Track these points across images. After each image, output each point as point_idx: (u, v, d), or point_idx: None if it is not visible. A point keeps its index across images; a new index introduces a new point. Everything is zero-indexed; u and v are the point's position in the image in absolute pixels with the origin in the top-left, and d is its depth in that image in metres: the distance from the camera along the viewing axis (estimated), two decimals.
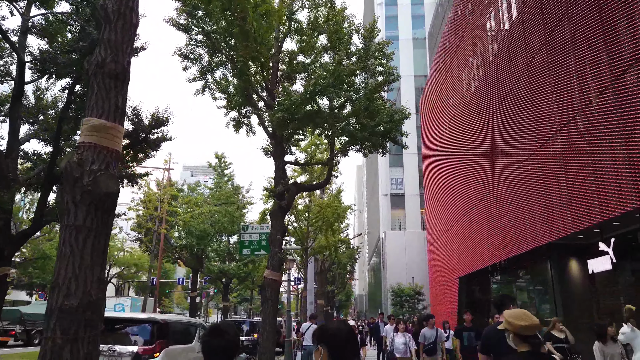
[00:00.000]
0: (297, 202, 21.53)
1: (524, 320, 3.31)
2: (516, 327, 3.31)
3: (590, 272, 11.47)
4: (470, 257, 19.12)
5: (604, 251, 10.87)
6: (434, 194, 27.51)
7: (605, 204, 9.09)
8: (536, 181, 12.46)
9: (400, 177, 41.84)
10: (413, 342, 9.23)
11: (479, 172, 17.93)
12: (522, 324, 3.29)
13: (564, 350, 7.73)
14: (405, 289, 31.39)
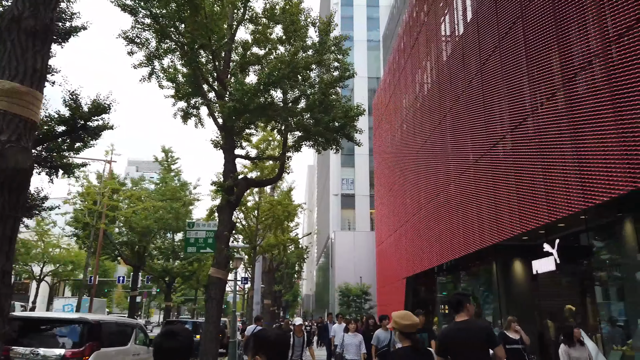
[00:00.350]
0: (246, 199, 20.91)
1: (407, 320, 3.92)
2: (401, 325, 3.88)
3: (534, 273, 11.70)
4: (419, 257, 19.26)
5: (548, 252, 11.10)
6: (384, 194, 27.67)
7: (553, 205, 9.23)
8: (486, 182, 12.61)
9: (352, 177, 41.99)
10: (364, 344, 8.57)
11: (429, 173, 18.09)
12: (405, 322, 3.89)
13: (518, 351, 7.47)
14: (353, 289, 31.42)
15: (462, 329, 4.40)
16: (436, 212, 17.04)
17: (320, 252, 56.17)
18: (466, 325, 4.41)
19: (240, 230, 22.21)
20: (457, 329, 4.45)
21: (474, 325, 4.39)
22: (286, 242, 24.68)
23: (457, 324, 4.48)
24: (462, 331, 4.39)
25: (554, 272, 11.11)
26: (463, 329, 4.40)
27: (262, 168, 22.03)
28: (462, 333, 4.39)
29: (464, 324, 4.43)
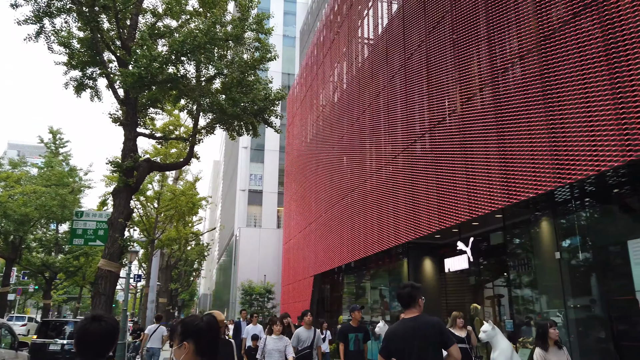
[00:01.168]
0: (145, 187, 19.04)
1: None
2: None
3: (447, 271, 11.70)
4: (329, 255, 18.86)
5: (462, 250, 11.14)
6: (294, 191, 27.07)
7: (474, 203, 9.14)
8: (405, 180, 12.43)
9: (260, 173, 40.90)
10: (291, 348, 7.01)
11: (345, 170, 17.76)
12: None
13: (465, 351, 6.88)
14: (256, 287, 30.38)
15: (411, 327, 3.76)
16: (350, 209, 16.72)
17: (223, 249, 54.23)
18: (415, 323, 3.78)
19: (137, 222, 20.22)
20: (405, 328, 3.81)
21: (425, 322, 3.77)
22: (188, 236, 22.99)
23: (406, 322, 3.84)
24: (412, 330, 3.76)
25: (466, 270, 11.17)
26: (412, 327, 3.76)
27: (166, 155, 20.27)
28: (411, 332, 3.76)
29: (412, 321, 3.80)
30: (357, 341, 7.13)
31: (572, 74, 6.84)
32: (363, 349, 7.23)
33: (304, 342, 7.30)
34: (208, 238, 79.04)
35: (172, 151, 20.93)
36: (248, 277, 31.68)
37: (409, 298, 3.87)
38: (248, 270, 34.54)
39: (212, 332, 2.28)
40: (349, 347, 7.15)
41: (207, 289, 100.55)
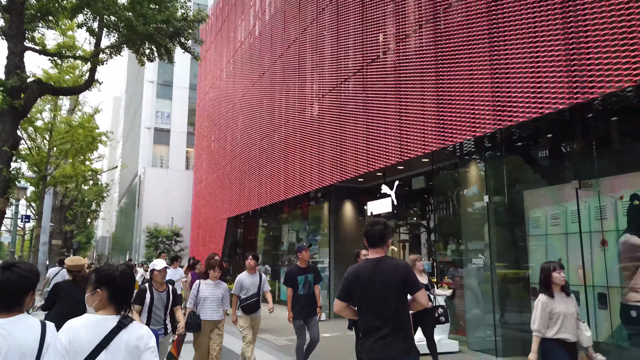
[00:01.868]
0: (34, 116, 16.62)
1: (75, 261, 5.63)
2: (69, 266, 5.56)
3: (369, 214, 11.65)
4: (245, 197, 18.19)
5: (386, 194, 11.08)
6: (207, 130, 25.58)
7: (406, 145, 8.92)
8: (331, 120, 11.94)
9: (168, 111, 38.19)
10: (228, 296, 6.13)
11: (265, 109, 16.84)
12: (71, 264, 5.56)
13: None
14: (162, 230, 29.01)
15: (375, 269, 3.34)
16: (270, 151, 16.02)
17: (125, 190, 50.99)
18: (379, 264, 3.35)
19: (26, 155, 17.81)
20: (368, 269, 3.37)
21: (390, 265, 3.36)
22: (86, 173, 20.86)
23: (369, 263, 3.41)
24: (375, 271, 3.33)
25: (390, 214, 11.19)
26: (376, 269, 3.34)
27: (60, 81, 17.75)
28: (374, 274, 3.33)
29: (377, 262, 3.36)
30: (307, 283, 6.53)
31: (521, 12, 6.58)
32: (314, 292, 6.65)
33: (248, 289, 6.51)
34: (107, 178, 73.91)
35: (67, 78, 18.41)
36: (154, 220, 30.11)
37: (380, 237, 3.42)
38: (154, 213, 32.81)
39: (125, 280, 2.34)
40: (299, 290, 6.56)
41: (105, 231, 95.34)
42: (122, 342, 2.15)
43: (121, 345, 2.15)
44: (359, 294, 3.36)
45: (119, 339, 2.16)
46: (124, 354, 2.15)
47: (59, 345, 2.11)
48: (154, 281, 5.43)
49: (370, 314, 3.28)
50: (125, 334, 2.18)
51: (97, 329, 2.16)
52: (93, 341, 2.13)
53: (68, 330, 2.14)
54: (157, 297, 5.32)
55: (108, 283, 2.27)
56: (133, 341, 2.18)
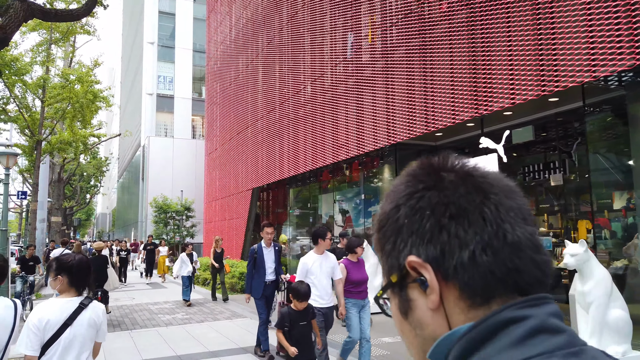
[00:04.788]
0: (24, 67, 13.79)
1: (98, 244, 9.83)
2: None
3: None
4: (273, 164, 15.57)
5: (488, 148, 8.47)
6: (219, 94, 22.75)
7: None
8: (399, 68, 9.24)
9: (171, 75, 35.14)
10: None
11: (297, 57, 14.06)
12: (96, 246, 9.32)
13: None
14: (172, 204, 26.45)
15: None
16: (309, 107, 13.31)
17: (126, 163, 48.21)
18: None
19: (16, 117, 15.06)
20: None
21: None
22: (87, 139, 18.07)
23: None
24: None
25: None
26: None
27: (51, 3, 14.84)
28: None
29: None
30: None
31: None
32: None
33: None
34: (105, 152, 70.95)
35: (60, 6, 15.49)
36: (160, 193, 27.49)
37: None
38: (160, 186, 30.23)
39: (81, 268, 2.71)
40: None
41: (105, 208, 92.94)
42: (84, 319, 2.64)
43: (83, 321, 2.64)
44: None
45: (81, 317, 2.64)
46: (86, 328, 2.64)
47: (31, 324, 2.52)
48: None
49: None
50: (86, 313, 2.65)
51: (62, 310, 2.60)
52: (60, 320, 2.57)
53: (39, 311, 2.57)
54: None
55: (67, 270, 2.66)
56: (93, 316, 2.68)
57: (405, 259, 0.58)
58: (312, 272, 5.25)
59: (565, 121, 8.51)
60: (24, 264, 10.79)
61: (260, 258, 6.68)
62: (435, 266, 0.57)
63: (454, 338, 0.54)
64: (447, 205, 0.57)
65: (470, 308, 0.56)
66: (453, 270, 0.56)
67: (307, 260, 5.35)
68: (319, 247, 5.37)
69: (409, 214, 0.59)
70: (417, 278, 0.58)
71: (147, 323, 9.54)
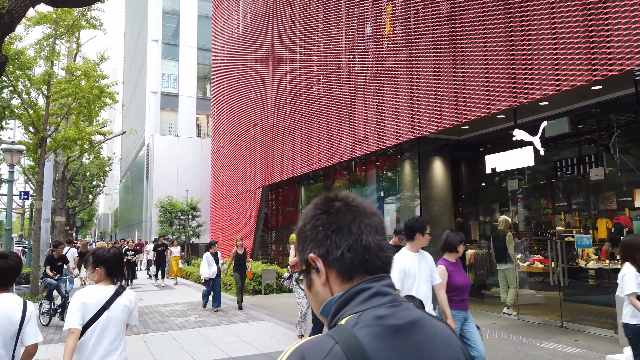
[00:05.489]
0: (28, 61, 13.35)
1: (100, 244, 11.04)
2: None
3: (490, 171, 8.60)
4: (286, 161, 15.11)
5: (522, 141, 8.00)
6: (225, 91, 22.30)
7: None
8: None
9: (175, 73, 34.71)
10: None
11: (303, 59, 13.61)
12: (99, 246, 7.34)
13: None
14: (177, 204, 25.98)
15: None
16: (318, 104, 12.85)
17: (130, 163, 47.80)
18: None
19: (20, 114, 14.62)
20: None
21: None
22: (92, 136, 17.62)
23: None
24: None
25: (524, 169, 8.13)
26: None
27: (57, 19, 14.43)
28: None
29: None
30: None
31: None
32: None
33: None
34: (108, 152, 70.49)
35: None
36: (165, 193, 27.04)
37: None
38: (165, 185, 29.80)
39: (116, 260, 3.13)
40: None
41: (107, 208, 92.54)
42: (119, 304, 3.00)
43: (118, 306, 3.00)
44: None
45: (117, 302, 3.00)
46: (120, 312, 2.99)
47: (75, 303, 2.90)
48: None
49: None
50: (121, 299, 3.02)
51: (101, 296, 2.99)
52: (99, 303, 2.95)
53: (82, 295, 2.95)
54: None
55: (104, 262, 3.08)
56: (126, 302, 3.04)
57: (308, 255, 0.98)
58: (410, 275, 4.15)
59: (602, 113, 8.04)
60: (53, 264, 10.08)
61: None
62: (323, 259, 0.97)
63: (333, 301, 0.94)
64: (331, 224, 0.97)
65: (342, 283, 0.96)
66: (332, 261, 0.96)
67: (404, 259, 4.20)
68: (415, 244, 4.30)
69: (310, 229, 0.99)
70: (314, 267, 0.98)
71: (160, 326, 9.08)
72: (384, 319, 0.88)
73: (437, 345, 0.91)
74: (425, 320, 0.92)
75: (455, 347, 0.94)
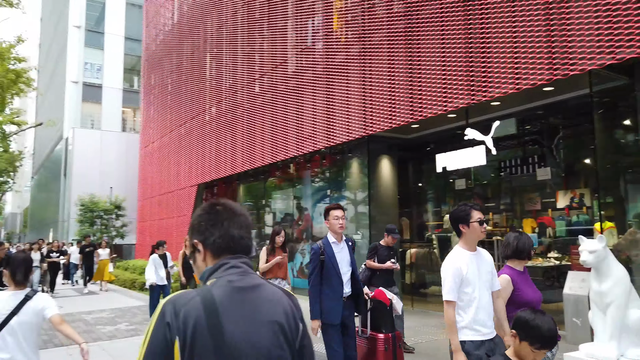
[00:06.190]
0: None
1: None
2: None
3: (441, 169, 8.59)
4: (224, 159, 14.40)
5: (473, 140, 8.04)
6: (157, 83, 21.05)
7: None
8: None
9: (99, 63, 32.39)
10: None
11: (246, 52, 13.06)
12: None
13: None
14: (100, 203, 24.15)
15: None
16: (262, 99, 12.35)
17: (44, 158, 44.00)
18: None
19: None
20: None
21: None
22: (5, 125, 15.74)
23: None
24: None
25: (477, 168, 8.19)
26: None
27: None
28: None
29: None
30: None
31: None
32: None
33: None
34: (18, 146, 64.53)
35: None
36: (87, 190, 25.04)
37: None
38: (85, 182, 27.60)
39: (25, 264, 3.19)
40: None
41: (16, 207, 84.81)
42: (30, 309, 3.00)
43: (29, 310, 3.00)
44: None
45: (26, 307, 3.00)
46: (31, 316, 3.00)
47: None
48: None
49: None
50: (32, 303, 3.02)
51: (9, 301, 2.99)
52: (6, 309, 2.95)
53: None
54: None
55: (10, 266, 3.14)
56: (37, 306, 3.04)
57: (193, 240, 1.45)
58: (469, 282, 3.01)
59: (548, 114, 8.29)
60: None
61: (329, 260, 4.32)
62: (202, 243, 1.43)
63: (207, 271, 1.41)
64: (210, 220, 1.44)
65: (213, 260, 1.42)
66: (208, 245, 1.42)
67: (458, 261, 3.08)
68: (467, 240, 3.15)
69: (196, 224, 1.46)
70: (197, 249, 1.45)
71: (86, 337, 8.11)
72: (233, 282, 1.36)
73: (268, 302, 1.40)
74: (266, 286, 1.44)
75: (284, 305, 1.43)
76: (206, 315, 1.26)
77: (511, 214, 9.82)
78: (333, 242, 4.38)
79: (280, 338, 1.37)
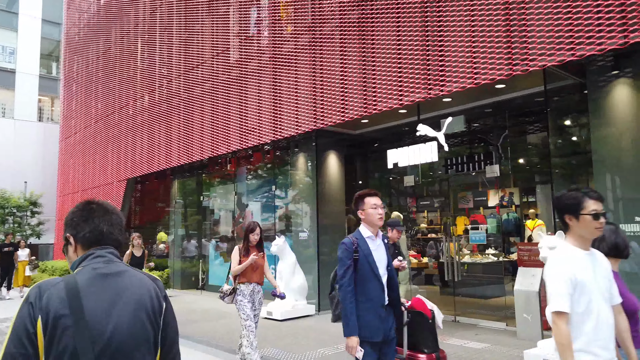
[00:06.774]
0: None
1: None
2: None
3: (392, 165, 8.45)
4: (157, 151, 13.48)
5: (425, 136, 7.97)
6: (81, 71, 19.43)
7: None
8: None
9: (12, 46, 29.47)
10: None
11: (183, 38, 12.30)
12: None
13: None
14: (13, 199, 21.93)
15: None
16: (201, 88, 11.66)
17: None
18: None
19: None
20: None
21: None
22: None
23: None
24: None
25: (429, 164, 8.12)
26: None
27: None
28: None
29: None
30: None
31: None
32: None
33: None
34: None
35: None
36: None
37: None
38: None
39: None
40: None
41: None
42: None
43: None
44: None
45: None
46: None
47: None
48: None
49: None
50: None
51: None
52: None
53: None
54: None
55: None
56: None
57: (66, 234, 1.66)
58: (584, 290, 2.26)
59: (497, 112, 8.41)
60: None
61: (366, 259, 3.35)
62: (74, 237, 1.65)
63: (76, 261, 1.61)
64: (82, 217, 1.66)
65: (83, 250, 1.64)
66: (79, 239, 1.64)
67: (571, 260, 2.32)
68: (575, 235, 2.38)
69: (70, 219, 1.67)
70: (69, 242, 1.66)
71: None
72: (97, 270, 1.56)
73: (131, 285, 1.58)
74: (130, 272, 1.64)
75: (147, 287, 1.62)
76: (68, 297, 1.42)
77: (447, 212, 9.94)
78: (368, 236, 3.46)
79: (142, 316, 1.53)
